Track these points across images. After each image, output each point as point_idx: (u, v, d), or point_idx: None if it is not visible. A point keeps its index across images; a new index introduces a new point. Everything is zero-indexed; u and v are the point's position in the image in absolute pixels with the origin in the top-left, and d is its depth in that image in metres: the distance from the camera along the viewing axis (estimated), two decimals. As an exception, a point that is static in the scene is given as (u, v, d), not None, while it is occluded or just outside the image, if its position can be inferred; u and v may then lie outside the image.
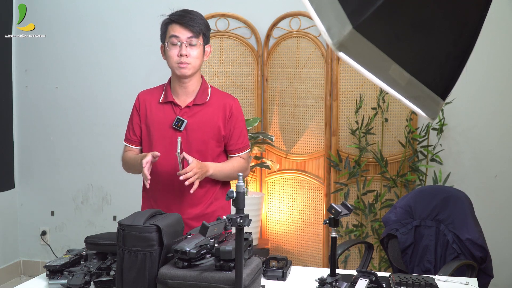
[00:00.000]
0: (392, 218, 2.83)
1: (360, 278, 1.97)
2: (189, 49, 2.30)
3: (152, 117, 2.39)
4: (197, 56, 2.33)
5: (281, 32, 3.78)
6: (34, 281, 2.09)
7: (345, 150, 3.65)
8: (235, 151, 2.42)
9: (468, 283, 2.13)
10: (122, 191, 4.16)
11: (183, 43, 2.29)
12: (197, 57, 2.32)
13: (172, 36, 2.30)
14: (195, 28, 2.30)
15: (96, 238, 2.18)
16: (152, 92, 2.45)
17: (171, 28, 2.31)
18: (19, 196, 4.37)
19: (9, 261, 4.30)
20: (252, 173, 3.84)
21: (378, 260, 3.56)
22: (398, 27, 1.00)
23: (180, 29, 2.30)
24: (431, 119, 1.11)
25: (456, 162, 3.62)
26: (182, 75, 2.33)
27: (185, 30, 2.29)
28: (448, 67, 1.09)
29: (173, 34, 2.30)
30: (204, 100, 2.38)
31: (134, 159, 2.36)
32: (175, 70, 2.34)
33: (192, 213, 2.36)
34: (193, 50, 2.31)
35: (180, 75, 2.34)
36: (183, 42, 2.29)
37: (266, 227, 3.88)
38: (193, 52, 2.31)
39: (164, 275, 1.79)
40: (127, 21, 4.09)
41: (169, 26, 2.33)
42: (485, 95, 3.61)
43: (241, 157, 2.42)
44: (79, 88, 4.21)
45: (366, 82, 3.57)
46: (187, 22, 2.29)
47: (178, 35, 2.29)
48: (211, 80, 3.80)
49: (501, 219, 3.58)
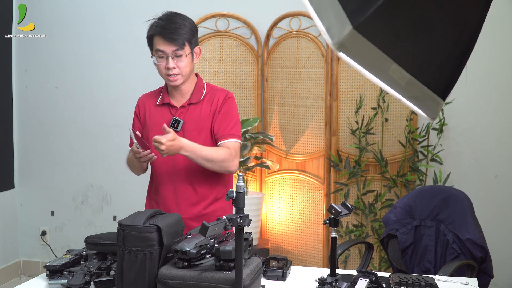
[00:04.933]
0: (392, 218, 2.83)
1: (360, 278, 1.98)
2: (176, 60, 2.29)
3: (151, 119, 2.41)
4: (186, 65, 2.31)
5: (281, 32, 3.78)
6: (34, 281, 2.09)
7: (345, 150, 3.65)
8: (219, 138, 2.33)
9: (468, 283, 2.13)
10: (122, 191, 4.16)
11: (169, 56, 2.29)
12: (185, 66, 2.31)
13: (157, 50, 2.30)
14: (178, 41, 2.27)
15: (96, 238, 2.18)
16: (150, 95, 2.48)
17: (156, 41, 2.31)
18: (19, 196, 4.37)
19: (9, 261, 4.30)
20: (252, 173, 3.84)
21: (378, 260, 3.56)
22: (398, 27, 1.00)
23: (164, 44, 2.28)
24: (431, 119, 1.11)
25: (456, 162, 3.62)
26: (173, 85, 2.35)
27: (169, 44, 2.28)
28: (448, 67, 1.09)
29: (158, 48, 2.30)
30: (198, 98, 2.38)
31: (131, 155, 2.37)
32: (166, 81, 2.37)
33: (192, 213, 2.36)
34: (180, 61, 2.30)
35: (172, 86, 2.36)
36: (169, 55, 2.29)
37: (266, 227, 3.88)
38: (181, 63, 2.30)
39: (164, 275, 1.79)
40: (127, 21, 4.08)
41: (154, 38, 2.31)
42: (485, 95, 3.61)
43: (227, 145, 2.32)
44: (79, 88, 4.21)
45: (366, 82, 3.57)
46: (170, 36, 2.27)
47: (163, 50, 2.28)
48: (211, 80, 3.80)
49: (501, 219, 3.58)
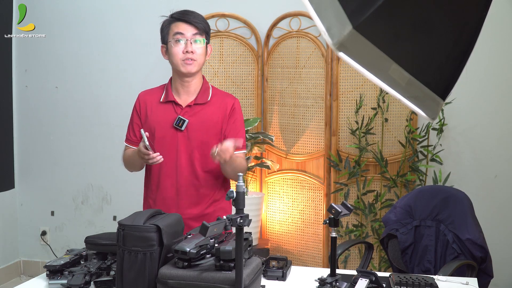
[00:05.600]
0: (392, 218, 2.83)
1: (360, 278, 1.98)
2: (194, 45, 2.30)
3: (153, 117, 2.38)
4: (202, 53, 2.33)
5: (281, 32, 3.78)
6: (34, 281, 2.09)
7: (345, 150, 3.65)
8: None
9: (468, 283, 2.13)
10: (122, 191, 4.16)
11: (188, 39, 2.29)
12: (202, 54, 2.33)
13: (176, 33, 2.29)
14: (199, 24, 2.30)
15: (96, 238, 2.18)
16: (152, 92, 2.44)
17: (175, 26, 2.31)
18: (19, 196, 4.37)
19: (9, 261, 4.30)
20: (252, 173, 3.84)
21: (378, 260, 3.56)
22: (398, 27, 1.00)
23: (184, 26, 2.30)
24: (431, 119, 1.11)
25: (456, 162, 3.62)
26: (187, 72, 2.32)
27: (190, 27, 2.30)
28: (448, 67, 1.09)
29: (178, 31, 2.29)
30: (205, 99, 2.37)
31: (133, 154, 2.36)
32: (180, 67, 2.32)
33: (193, 213, 2.36)
34: (198, 47, 2.31)
35: (186, 72, 2.32)
36: (188, 39, 2.29)
37: (266, 227, 3.88)
38: (198, 49, 2.31)
39: (164, 275, 1.79)
40: (127, 21, 4.09)
41: (172, 24, 2.32)
42: (485, 95, 3.61)
43: (239, 156, 2.37)
44: (79, 88, 4.21)
45: (366, 82, 3.57)
46: (191, 19, 2.30)
47: (183, 32, 2.29)
48: (211, 80, 3.80)
49: (501, 219, 3.58)
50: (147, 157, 2.19)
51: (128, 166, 2.47)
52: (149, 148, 2.17)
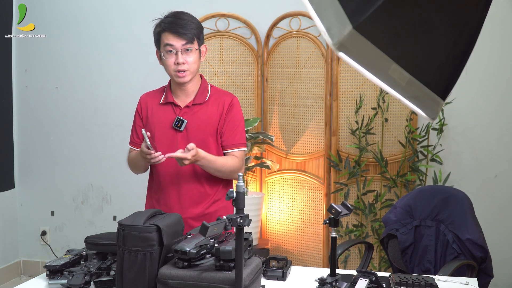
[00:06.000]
0: (392, 218, 2.83)
1: (360, 278, 1.98)
2: (185, 55, 2.30)
3: (153, 118, 2.40)
4: (194, 61, 2.32)
5: (281, 32, 3.78)
6: (34, 281, 2.09)
7: (345, 150, 3.65)
8: (228, 146, 2.37)
9: (468, 283, 2.13)
10: (122, 191, 4.16)
11: (179, 51, 2.29)
12: (194, 62, 2.32)
13: (166, 45, 2.29)
14: (188, 35, 2.28)
15: (96, 238, 2.18)
16: (153, 94, 2.46)
17: (164, 36, 2.30)
18: (19, 196, 4.37)
19: (9, 261, 4.30)
20: (252, 173, 3.84)
21: (378, 260, 3.56)
22: (398, 27, 1.00)
23: (173, 38, 2.28)
24: (431, 119, 1.11)
25: (456, 162, 3.62)
26: (181, 82, 2.34)
27: (179, 38, 2.28)
28: (448, 67, 1.09)
29: (168, 42, 2.29)
30: (203, 99, 2.38)
31: (136, 155, 2.38)
32: (173, 78, 2.35)
33: (193, 213, 2.36)
34: (189, 56, 2.30)
35: (180, 83, 2.34)
36: (179, 50, 2.29)
37: (266, 227, 3.88)
38: (190, 58, 2.31)
39: (164, 275, 1.79)
40: (127, 21, 4.08)
41: (162, 34, 2.31)
42: (485, 95, 3.61)
43: (234, 154, 2.37)
44: (79, 88, 4.21)
45: (366, 82, 3.57)
46: (179, 31, 2.28)
47: (173, 44, 2.29)
48: (211, 80, 3.80)
49: (501, 219, 3.58)
50: (149, 156, 2.20)
51: (133, 168, 2.50)
52: (151, 148, 2.18)
